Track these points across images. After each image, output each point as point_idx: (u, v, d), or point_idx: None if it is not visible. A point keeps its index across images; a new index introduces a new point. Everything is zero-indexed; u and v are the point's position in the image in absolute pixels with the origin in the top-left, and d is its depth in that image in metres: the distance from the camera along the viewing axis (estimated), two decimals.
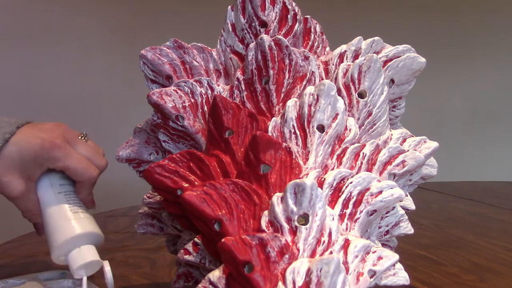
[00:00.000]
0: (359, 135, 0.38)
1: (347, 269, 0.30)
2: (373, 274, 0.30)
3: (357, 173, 0.35)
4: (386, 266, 0.31)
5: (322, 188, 0.33)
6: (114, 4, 1.38)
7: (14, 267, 0.58)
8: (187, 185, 0.36)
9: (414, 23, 1.60)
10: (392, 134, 0.40)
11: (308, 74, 0.39)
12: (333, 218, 0.31)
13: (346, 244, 0.31)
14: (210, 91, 0.40)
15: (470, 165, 1.64)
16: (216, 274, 0.30)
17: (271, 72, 0.38)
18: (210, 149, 0.37)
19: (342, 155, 0.36)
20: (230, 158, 0.36)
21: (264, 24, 0.41)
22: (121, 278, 0.54)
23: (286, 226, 0.30)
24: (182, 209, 0.34)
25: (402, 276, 0.33)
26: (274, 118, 0.36)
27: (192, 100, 0.40)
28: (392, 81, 0.42)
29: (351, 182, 0.33)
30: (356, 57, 0.41)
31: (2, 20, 1.28)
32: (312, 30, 0.43)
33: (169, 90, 0.39)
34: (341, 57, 0.41)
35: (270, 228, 0.30)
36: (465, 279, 0.53)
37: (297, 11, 0.42)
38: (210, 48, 0.43)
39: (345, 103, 0.37)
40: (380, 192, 0.33)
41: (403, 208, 0.42)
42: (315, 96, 0.35)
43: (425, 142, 0.41)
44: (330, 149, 0.35)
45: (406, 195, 0.43)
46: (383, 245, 0.40)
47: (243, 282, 0.28)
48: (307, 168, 0.34)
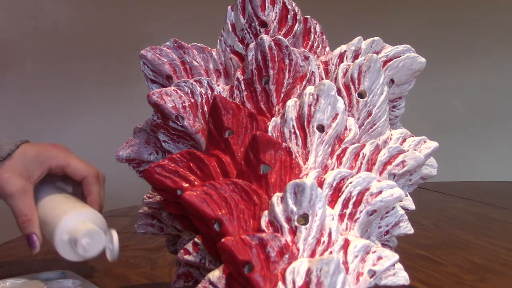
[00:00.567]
0: (359, 135, 0.38)
1: (347, 269, 0.30)
2: (373, 274, 0.30)
3: (357, 173, 0.35)
4: (386, 266, 0.31)
5: (322, 188, 0.33)
6: (114, 4, 1.38)
7: (14, 267, 0.58)
8: (187, 185, 0.36)
9: (414, 23, 1.60)
10: (392, 134, 0.40)
11: (308, 74, 0.39)
12: (333, 218, 0.31)
13: (346, 244, 0.31)
14: (210, 91, 0.40)
15: (470, 165, 1.64)
16: (216, 274, 0.30)
17: (271, 72, 0.38)
18: (210, 149, 0.37)
19: (342, 155, 0.36)
20: (230, 158, 0.36)
21: (264, 24, 0.41)
22: (121, 278, 0.54)
23: (286, 226, 0.30)
24: (182, 209, 0.34)
25: (402, 276, 0.33)
26: (274, 118, 0.36)
27: (192, 100, 0.40)
28: (392, 81, 0.42)
29: (351, 182, 0.33)
30: (356, 57, 0.41)
31: None
32: (312, 30, 0.43)
33: (169, 90, 0.39)
34: (341, 57, 0.41)
35: (270, 228, 0.30)
36: (465, 279, 0.53)
37: (297, 11, 0.42)
38: (210, 48, 0.43)
39: (345, 103, 0.37)
40: (380, 192, 0.33)
41: (403, 208, 0.42)
42: (315, 96, 0.35)
43: (425, 142, 0.41)
44: (330, 149, 0.35)
45: (406, 195, 0.43)
46: (383, 245, 0.40)
47: (243, 282, 0.28)
48: (307, 168, 0.34)
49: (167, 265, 0.58)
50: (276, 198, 0.31)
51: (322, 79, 0.40)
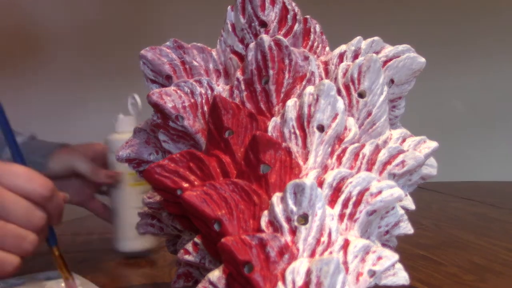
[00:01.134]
0: (359, 135, 0.38)
1: (347, 269, 0.30)
2: (372, 274, 0.30)
3: (357, 173, 0.35)
4: (386, 266, 0.31)
5: (321, 188, 0.33)
6: (114, 4, 1.38)
7: None
8: (187, 185, 0.36)
9: (414, 23, 1.60)
10: (391, 134, 0.40)
11: (308, 74, 0.39)
12: (332, 218, 0.31)
13: (346, 244, 0.31)
14: (210, 91, 0.40)
15: (470, 165, 1.64)
16: (216, 274, 0.30)
17: (271, 72, 0.38)
18: (210, 149, 0.37)
19: (341, 155, 0.36)
20: (230, 158, 0.36)
21: (263, 24, 0.41)
22: (121, 278, 0.54)
23: (285, 226, 0.30)
24: (182, 209, 0.34)
25: (402, 276, 0.33)
26: (273, 118, 0.36)
27: (192, 100, 0.40)
28: (392, 81, 0.42)
29: (351, 182, 0.33)
30: (356, 57, 0.41)
31: None
32: (312, 30, 0.43)
33: (169, 90, 0.39)
34: (341, 57, 0.41)
35: (270, 228, 0.30)
36: (465, 279, 0.52)
37: (296, 11, 0.42)
38: (210, 48, 0.43)
39: (344, 103, 0.37)
40: (379, 192, 0.33)
41: (403, 208, 0.42)
42: (315, 96, 0.35)
43: (424, 142, 0.41)
44: (330, 149, 0.35)
45: (406, 195, 0.43)
46: (383, 245, 0.40)
47: (243, 282, 0.28)
48: (307, 168, 0.34)
49: (167, 265, 0.58)
50: (276, 198, 0.31)
51: (322, 79, 0.40)
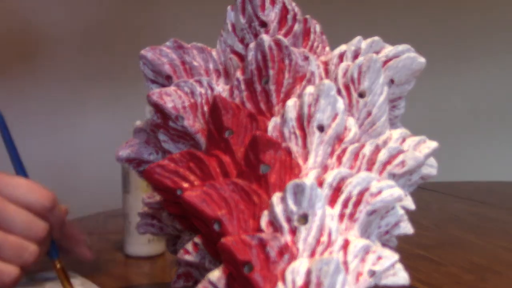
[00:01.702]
0: (359, 135, 0.38)
1: (347, 269, 0.30)
2: (372, 274, 0.30)
3: (357, 173, 0.35)
4: (385, 266, 0.31)
5: (321, 188, 0.33)
6: (114, 4, 1.38)
7: None
8: (187, 185, 0.36)
9: (414, 23, 1.60)
10: (391, 134, 0.40)
11: (308, 74, 0.39)
12: (332, 218, 0.31)
13: (346, 244, 0.31)
14: (210, 91, 0.40)
15: (470, 165, 1.64)
16: (216, 274, 0.30)
17: (271, 72, 0.38)
18: (210, 149, 0.37)
19: (341, 155, 0.36)
20: (230, 158, 0.36)
21: (263, 24, 0.41)
22: (121, 278, 0.54)
23: (285, 226, 0.30)
24: (182, 209, 0.34)
25: (402, 276, 0.33)
26: (273, 118, 0.36)
27: (192, 100, 0.40)
28: (392, 81, 0.42)
29: (351, 182, 0.33)
30: (356, 57, 0.41)
31: None
32: (312, 30, 0.43)
33: (169, 90, 0.39)
34: (341, 57, 0.41)
35: (270, 228, 0.30)
36: (465, 279, 0.53)
37: (296, 11, 0.42)
38: (210, 48, 0.43)
39: (344, 103, 0.37)
40: (379, 192, 0.33)
41: (403, 208, 0.42)
42: (315, 96, 0.35)
43: (424, 142, 0.41)
44: (330, 149, 0.35)
45: (406, 195, 0.43)
46: (383, 245, 0.40)
47: (243, 282, 0.28)
48: (307, 168, 0.34)
49: (167, 265, 0.58)
50: (276, 198, 0.31)
51: (322, 79, 0.40)
